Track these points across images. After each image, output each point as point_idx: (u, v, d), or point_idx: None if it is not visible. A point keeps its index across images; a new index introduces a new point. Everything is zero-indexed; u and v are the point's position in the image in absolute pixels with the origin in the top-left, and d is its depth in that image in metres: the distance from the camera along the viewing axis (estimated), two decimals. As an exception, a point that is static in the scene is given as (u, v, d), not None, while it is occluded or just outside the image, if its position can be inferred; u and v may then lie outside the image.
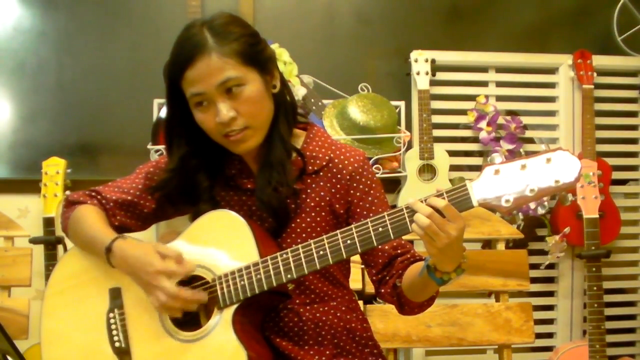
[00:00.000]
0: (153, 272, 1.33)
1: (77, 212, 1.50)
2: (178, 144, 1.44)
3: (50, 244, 2.53)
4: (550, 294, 3.00)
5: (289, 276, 1.33)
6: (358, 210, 1.45)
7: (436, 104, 2.92)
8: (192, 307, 1.35)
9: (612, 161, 2.95)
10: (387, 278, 1.44)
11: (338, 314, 1.47)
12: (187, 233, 1.43)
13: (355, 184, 1.45)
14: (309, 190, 1.44)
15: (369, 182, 1.46)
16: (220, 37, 1.33)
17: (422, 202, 1.23)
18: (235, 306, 1.35)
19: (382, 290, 1.46)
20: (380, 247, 1.41)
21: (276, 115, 1.42)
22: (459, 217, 1.21)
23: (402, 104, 2.89)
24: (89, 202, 1.51)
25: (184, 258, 1.36)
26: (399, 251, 1.44)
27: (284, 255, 1.33)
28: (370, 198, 1.45)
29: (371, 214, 1.38)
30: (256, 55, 1.37)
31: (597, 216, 2.60)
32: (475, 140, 2.97)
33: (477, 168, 2.97)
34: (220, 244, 1.39)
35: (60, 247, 2.54)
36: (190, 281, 1.39)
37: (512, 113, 2.99)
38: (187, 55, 1.33)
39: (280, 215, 1.41)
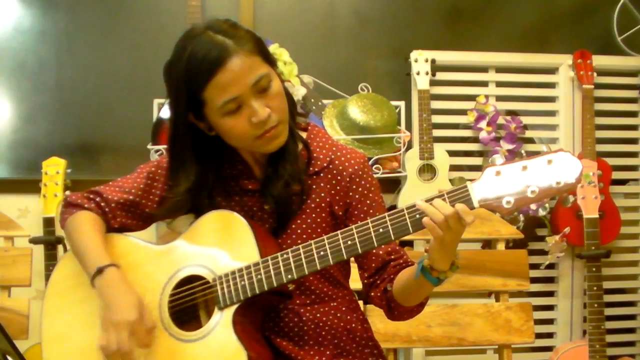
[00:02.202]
0: (123, 320, 1.32)
1: (73, 220, 1.48)
2: (191, 161, 1.40)
3: (50, 244, 2.53)
4: (550, 294, 3.00)
5: (289, 276, 1.32)
6: (356, 212, 1.45)
7: (436, 104, 2.92)
8: None
9: (612, 161, 2.95)
10: (378, 282, 1.45)
11: (338, 315, 1.47)
12: (187, 233, 1.43)
13: (354, 186, 1.45)
14: (309, 191, 1.44)
15: (368, 185, 1.46)
16: (235, 38, 1.30)
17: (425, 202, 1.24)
18: (235, 306, 1.35)
19: (372, 294, 1.46)
20: (374, 251, 1.42)
21: None
22: (469, 214, 1.21)
23: (402, 104, 2.89)
24: (86, 206, 1.49)
25: (153, 331, 1.36)
26: (392, 257, 1.44)
27: (285, 256, 1.33)
28: (368, 201, 1.45)
29: (368, 217, 1.38)
30: (268, 53, 1.37)
31: (597, 216, 2.60)
32: (475, 140, 2.97)
33: (477, 168, 2.98)
34: (220, 243, 1.39)
35: (60, 247, 2.54)
36: (191, 280, 1.40)
37: (512, 113, 2.99)
38: (213, 60, 1.28)
39: (285, 211, 1.41)
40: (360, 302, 1.58)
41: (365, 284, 1.48)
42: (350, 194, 1.45)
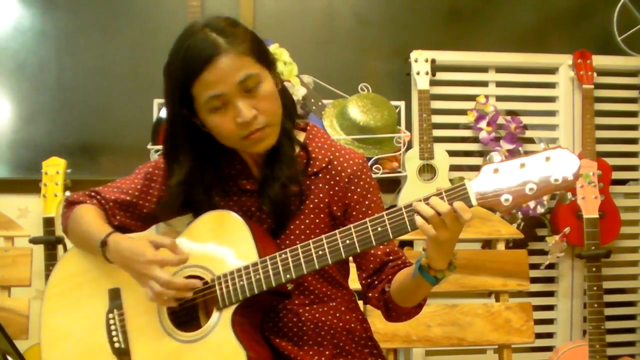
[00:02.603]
0: (144, 262, 1.32)
1: (76, 211, 1.50)
2: (184, 155, 1.41)
3: (50, 244, 2.53)
4: (550, 294, 3.00)
5: (287, 276, 1.32)
6: (354, 212, 1.44)
7: (436, 104, 2.92)
8: (186, 295, 1.34)
9: (612, 161, 2.95)
10: (376, 282, 1.44)
11: (337, 315, 1.47)
12: (186, 233, 1.43)
13: (353, 187, 1.45)
14: (308, 192, 1.44)
15: (366, 186, 1.46)
16: (230, 37, 1.31)
17: (422, 201, 1.23)
18: (234, 306, 1.35)
19: (370, 295, 1.46)
20: (372, 251, 1.42)
21: None
22: (467, 211, 1.20)
23: (402, 104, 2.89)
24: (88, 202, 1.51)
25: (178, 246, 1.35)
26: (390, 257, 1.44)
27: (283, 256, 1.33)
28: (367, 202, 1.45)
29: (367, 218, 1.37)
30: (265, 54, 1.37)
31: (597, 216, 2.60)
32: (475, 140, 2.97)
33: (477, 168, 2.94)
34: (219, 244, 1.39)
35: (60, 247, 2.54)
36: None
37: (512, 113, 2.99)
38: (203, 57, 1.29)
39: (282, 212, 1.41)
40: (360, 302, 1.58)
41: (364, 285, 1.48)
42: (349, 194, 1.44)
